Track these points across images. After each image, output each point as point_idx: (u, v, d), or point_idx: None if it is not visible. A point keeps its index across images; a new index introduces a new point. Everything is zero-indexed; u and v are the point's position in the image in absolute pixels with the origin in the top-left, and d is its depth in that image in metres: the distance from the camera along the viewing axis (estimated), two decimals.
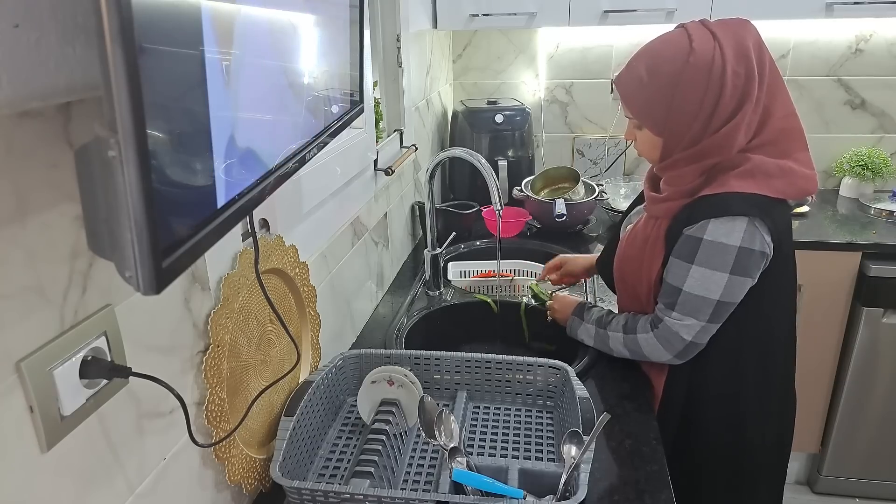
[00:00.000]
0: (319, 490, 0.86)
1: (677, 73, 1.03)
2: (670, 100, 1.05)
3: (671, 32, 1.09)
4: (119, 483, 0.66)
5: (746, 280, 1.07)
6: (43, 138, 0.52)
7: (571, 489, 0.88)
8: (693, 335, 1.10)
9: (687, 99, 1.04)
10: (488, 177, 1.36)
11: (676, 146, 1.09)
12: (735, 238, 1.04)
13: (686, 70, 1.02)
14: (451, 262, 1.85)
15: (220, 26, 0.52)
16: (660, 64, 1.05)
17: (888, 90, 2.25)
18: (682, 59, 1.03)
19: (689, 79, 1.03)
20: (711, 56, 1.02)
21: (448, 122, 2.40)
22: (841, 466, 2.15)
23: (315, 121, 0.80)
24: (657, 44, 1.09)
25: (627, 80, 1.11)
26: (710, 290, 1.07)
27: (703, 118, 1.04)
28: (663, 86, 1.05)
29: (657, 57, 1.07)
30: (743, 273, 1.06)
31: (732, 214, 1.04)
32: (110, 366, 0.61)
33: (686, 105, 1.04)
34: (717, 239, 1.05)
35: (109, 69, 0.36)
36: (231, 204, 0.56)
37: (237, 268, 0.86)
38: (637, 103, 1.11)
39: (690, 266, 1.07)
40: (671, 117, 1.07)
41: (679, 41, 1.05)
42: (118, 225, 0.42)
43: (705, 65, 1.02)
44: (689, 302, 1.09)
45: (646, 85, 1.07)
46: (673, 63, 1.04)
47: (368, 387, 1.08)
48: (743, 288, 1.08)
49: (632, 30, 2.33)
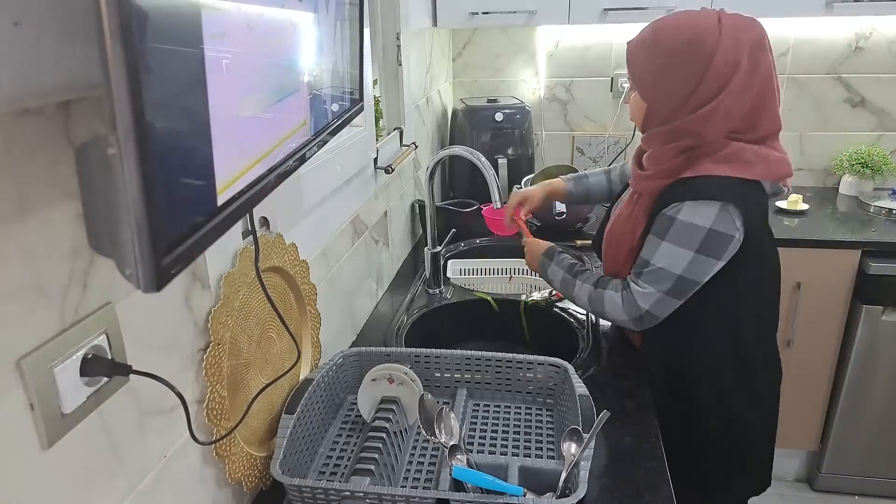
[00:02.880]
0: (320, 488, 0.86)
1: (675, 44, 1.08)
2: (660, 67, 1.11)
3: (693, 11, 1.14)
4: (120, 481, 0.66)
5: (711, 261, 1.11)
6: (43, 136, 0.52)
7: (571, 486, 0.88)
8: (650, 304, 1.15)
9: (674, 71, 1.09)
10: (488, 175, 1.36)
11: (656, 116, 1.15)
12: (706, 220, 1.09)
13: (684, 46, 1.08)
14: (450, 260, 1.85)
15: (220, 24, 0.52)
16: (665, 32, 1.11)
17: (888, 88, 2.25)
18: (684, 34, 1.08)
19: (681, 52, 1.08)
20: (708, 38, 1.07)
21: (448, 120, 2.40)
22: (840, 464, 2.15)
23: (315, 119, 0.80)
24: (675, 17, 1.15)
25: (635, 42, 1.16)
26: (673, 264, 1.12)
27: (684, 94, 1.09)
28: (659, 52, 1.10)
29: (666, 26, 1.12)
30: (708, 253, 1.10)
31: (706, 198, 1.09)
32: (111, 363, 0.61)
33: (672, 76, 1.10)
34: (688, 220, 1.10)
35: (109, 67, 0.36)
36: (231, 202, 0.56)
37: (237, 266, 0.86)
38: (635, 64, 1.16)
39: (661, 242, 1.13)
40: (657, 85, 1.12)
41: (690, 18, 1.11)
42: (118, 223, 0.42)
43: (699, 44, 1.07)
44: (653, 273, 1.14)
45: (646, 46, 1.12)
46: (675, 34, 1.09)
47: (369, 385, 1.08)
48: (707, 268, 1.12)
49: (632, 28, 2.31)
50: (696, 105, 1.09)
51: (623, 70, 2.38)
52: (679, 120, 1.11)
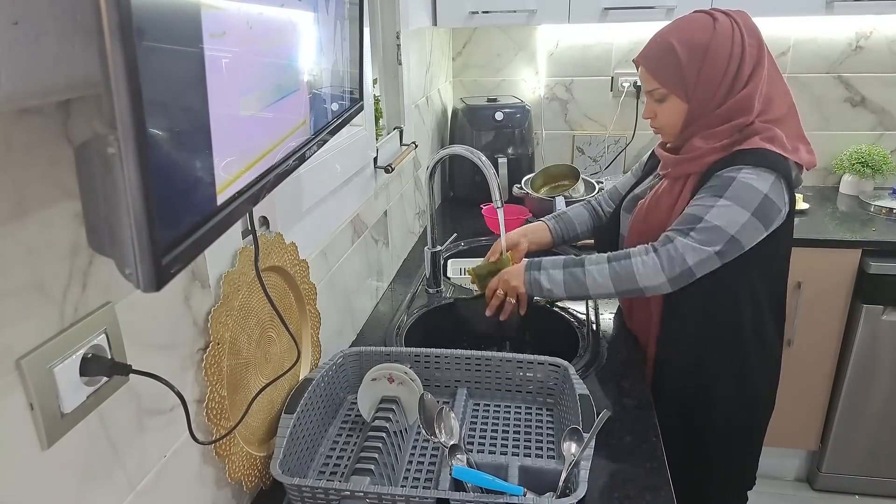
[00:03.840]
0: (320, 487, 0.86)
1: (706, 41, 1.14)
2: (700, 65, 1.15)
3: (688, 14, 1.22)
4: (120, 480, 0.66)
5: (760, 228, 1.13)
6: (42, 135, 0.52)
7: (571, 486, 0.88)
8: (696, 260, 1.13)
9: (715, 64, 1.14)
10: (488, 174, 1.36)
11: (703, 110, 1.17)
12: (764, 186, 1.11)
13: (714, 38, 1.14)
14: (450, 260, 1.85)
15: (219, 23, 0.52)
16: (690, 35, 1.16)
17: (888, 87, 2.25)
18: (709, 30, 1.15)
19: (716, 46, 1.14)
20: (731, 28, 1.15)
21: (448, 119, 2.40)
22: (840, 463, 2.15)
23: (315, 118, 0.80)
24: (679, 21, 1.20)
25: (657, 51, 1.19)
26: (729, 223, 1.12)
27: (728, 81, 1.15)
28: (695, 53, 1.15)
29: (685, 30, 1.17)
30: (761, 219, 1.12)
31: (766, 167, 1.12)
32: (110, 363, 0.61)
33: (714, 70, 1.14)
34: (747, 181, 1.12)
35: (109, 66, 0.36)
36: (231, 201, 0.56)
37: (237, 265, 0.86)
38: (669, 72, 1.18)
39: (718, 199, 1.13)
40: (700, 82, 1.15)
41: (701, 17, 1.18)
42: (118, 222, 0.42)
43: (728, 34, 1.14)
44: (706, 229, 1.13)
45: (678, 54, 1.15)
46: (702, 33, 1.15)
47: (368, 384, 1.08)
48: (756, 234, 1.13)
49: (631, 27, 2.32)
50: (740, 86, 1.15)
51: (624, 69, 2.38)
52: (728, 102, 1.15)
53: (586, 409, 1.00)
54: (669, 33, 1.18)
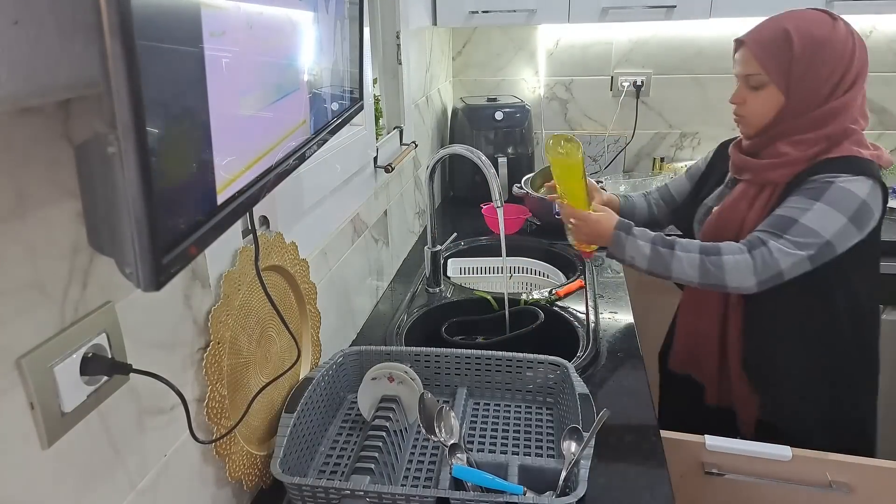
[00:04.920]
0: (320, 486, 0.86)
1: (825, 36, 1.11)
2: (811, 59, 1.12)
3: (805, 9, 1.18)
4: (120, 479, 0.66)
5: (855, 233, 1.11)
6: (43, 135, 0.52)
7: (571, 485, 0.88)
8: (789, 264, 1.11)
9: (826, 62, 1.11)
10: (488, 174, 1.36)
11: (799, 107, 1.15)
12: (862, 191, 1.10)
13: (832, 36, 1.11)
14: (451, 259, 1.85)
15: (219, 22, 0.52)
16: (808, 26, 1.12)
17: (888, 86, 2.25)
18: (828, 27, 1.12)
19: (833, 44, 1.11)
20: (847, 31, 1.13)
21: (448, 119, 2.40)
22: None
23: (315, 118, 0.80)
24: (797, 13, 1.16)
25: (770, 35, 1.15)
26: (825, 227, 1.10)
27: (833, 83, 1.13)
28: (811, 45, 1.11)
29: (804, 20, 1.14)
30: (857, 225, 1.10)
31: (863, 174, 1.10)
32: (111, 362, 0.61)
33: (824, 68, 1.12)
34: (847, 186, 1.10)
35: (109, 66, 0.36)
36: (231, 200, 0.56)
37: (237, 265, 0.86)
38: (776, 60, 1.14)
39: (814, 202, 1.11)
40: (807, 77, 1.13)
41: (819, 14, 1.15)
42: (118, 221, 0.42)
43: (845, 36, 1.12)
44: (801, 233, 1.10)
45: (793, 42, 1.12)
46: (821, 27, 1.12)
47: (369, 383, 1.08)
48: (850, 239, 1.11)
49: (631, 26, 2.32)
50: (842, 91, 1.13)
51: (624, 69, 2.38)
52: (825, 106, 1.13)
53: (586, 408, 1.00)
54: (786, 20, 1.14)
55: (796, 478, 1.16)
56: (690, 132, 2.44)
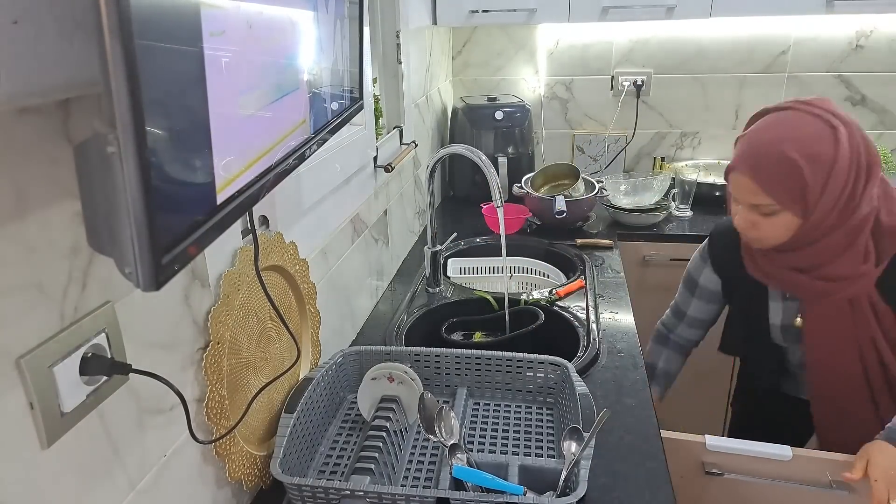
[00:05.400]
0: (320, 486, 0.86)
1: (832, 155, 1.04)
2: (826, 180, 1.04)
3: (792, 115, 1.09)
4: (120, 479, 0.66)
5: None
6: (42, 134, 0.52)
7: (571, 485, 0.88)
8: None
9: (839, 180, 1.04)
10: (489, 174, 1.36)
11: (822, 222, 1.08)
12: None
13: (839, 149, 1.04)
14: (450, 259, 1.85)
15: (219, 22, 0.52)
16: (813, 147, 1.05)
17: (889, 86, 2.25)
18: (831, 140, 1.04)
19: (842, 157, 1.04)
20: (850, 131, 1.05)
21: (448, 118, 2.40)
22: None
23: (315, 117, 0.80)
24: (793, 131, 1.07)
25: (775, 166, 1.07)
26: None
27: (848, 192, 1.05)
28: (822, 169, 1.04)
29: (806, 141, 1.05)
30: None
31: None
32: (110, 362, 0.61)
33: (838, 182, 1.04)
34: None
35: (108, 65, 0.36)
36: (230, 200, 0.56)
37: (237, 265, 0.86)
38: (788, 190, 1.07)
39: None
40: (824, 197, 1.05)
41: (817, 126, 1.06)
42: (118, 221, 0.42)
43: (850, 140, 1.04)
44: None
45: (802, 171, 1.04)
46: (826, 145, 1.04)
47: (368, 383, 1.08)
48: None
49: (632, 26, 2.32)
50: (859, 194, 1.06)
51: (625, 68, 2.38)
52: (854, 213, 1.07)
53: (586, 408, 1.00)
54: (786, 144, 1.05)
55: (797, 477, 1.15)
56: (691, 132, 2.44)
